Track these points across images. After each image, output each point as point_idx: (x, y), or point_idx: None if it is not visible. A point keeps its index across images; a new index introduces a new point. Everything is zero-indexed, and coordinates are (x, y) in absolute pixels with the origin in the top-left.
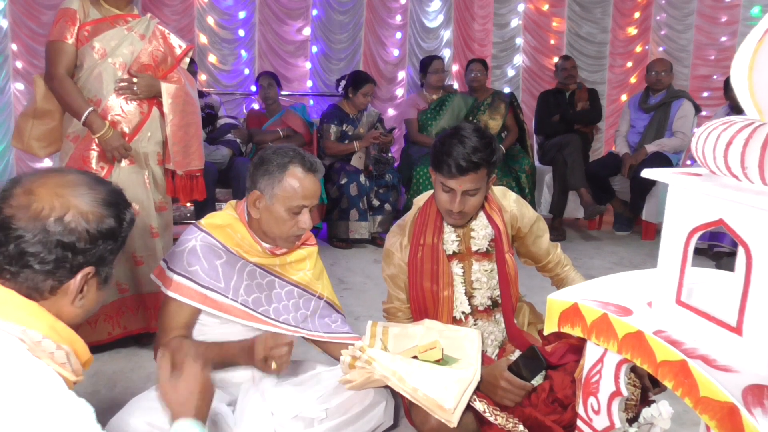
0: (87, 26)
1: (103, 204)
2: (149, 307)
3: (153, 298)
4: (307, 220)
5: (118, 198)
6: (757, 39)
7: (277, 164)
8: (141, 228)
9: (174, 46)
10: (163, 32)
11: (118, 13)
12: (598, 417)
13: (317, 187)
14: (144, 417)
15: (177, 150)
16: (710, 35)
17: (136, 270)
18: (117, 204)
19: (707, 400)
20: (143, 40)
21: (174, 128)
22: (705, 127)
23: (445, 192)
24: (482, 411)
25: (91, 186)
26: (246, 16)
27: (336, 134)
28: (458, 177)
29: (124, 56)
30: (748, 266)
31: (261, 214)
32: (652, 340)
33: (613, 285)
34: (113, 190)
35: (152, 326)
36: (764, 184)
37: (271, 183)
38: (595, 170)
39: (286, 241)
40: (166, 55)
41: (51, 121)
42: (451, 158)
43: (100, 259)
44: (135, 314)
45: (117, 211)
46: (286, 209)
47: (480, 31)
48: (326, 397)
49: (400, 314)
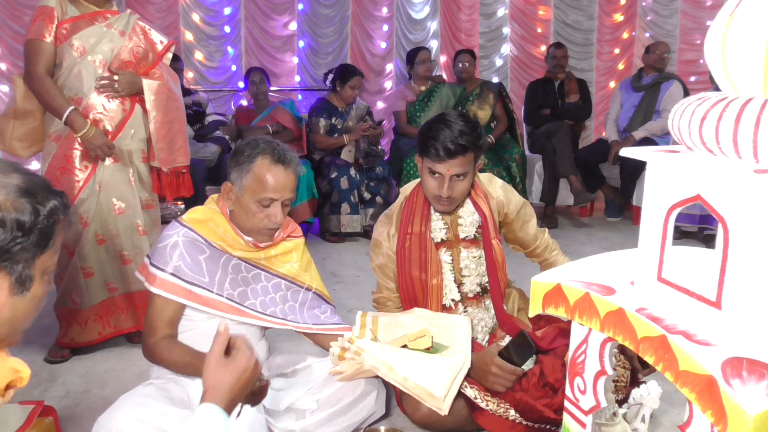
0: (65, 24)
1: (14, 190)
2: (139, 306)
3: (142, 296)
4: (278, 213)
5: (38, 188)
6: (728, 15)
7: (247, 155)
8: (128, 226)
9: (155, 42)
10: (143, 28)
11: (96, 10)
12: (585, 397)
13: (288, 180)
14: (134, 413)
15: (161, 147)
16: (696, 20)
17: (124, 269)
18: (33, 193)
19: (687, 374)
20: (123, 36)
21: (157, 125)
22: (680, 104)
23: (432, 177)
24: (473, 397)
25: (1, 170)
26: (231, 12)
27: (325, 128)
28: (446, 160)
29: (104, 53)
30: (725, 240)
31: (233, 205)
32: (633, 317)
33: (596, 265)
34: (33, 179)
35: (142, 325)
36: (739, 158)
37: (240, 174)
38: (584, 157)
39: (260, 234)
40: (148, 51)
41: (32, 122)
42: (438, 142)
43: (3, 252)
44: (125, 313)
45: (32, 200)
46: (254, 201)
47: (467, 22)
48: (317, 388)
49: (389, 303)
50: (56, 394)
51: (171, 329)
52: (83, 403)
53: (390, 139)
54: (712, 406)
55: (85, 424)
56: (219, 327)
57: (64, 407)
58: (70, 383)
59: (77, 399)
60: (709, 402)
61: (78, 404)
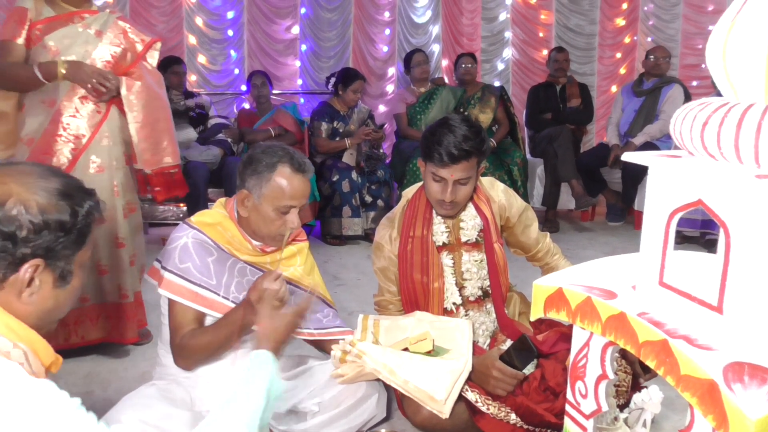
0: (39, 25)
1: (54, 194)
2: (111, 317)
3: (116, 308)
4: (295, 219)
5: (75, 190)
6: (730, 21)
7: (266, 164)
8: (107, 237)
9: (135, 42)
10: (123, 28)
11: (74, 10)
12: (586, 401)
13: (306, 187)
14: (136, 414)
15: (144, 148)
16: (698, 24)
17: (99, 279)
18: (71, 195)
19: (688, 378)
20: (100, 37)
21: (138, 126)
22: (682, 109)
23: (436, 182)
24: (474, 401)
25: (41, 175)
26: (234, 15)
27: (327, 131)
28: (450, 165)
29: (78, 54)
30: (726, 245)
31: (249, 213)
32: (634, 321)
33: (598, 269)
34: (70, 181)
35: (113, 337)
36: (740, 163)
37: (259, 182)
38: (586, 161)
39: (274, 240)
40: (126, 51)
41: (5, 124)
42: (442, 147)
43: (48, 251)
44: (94, 324)
45: (71, 202)
46: (274, 209)
47: (468, 26)
48: (319, 391)
49: (391, 306)
50: None
51: (196, 324)
52: (85, 404)
53: (391, 142)
54: (714, 410)
55: None
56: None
57: None
58: (72, 384)
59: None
60: (711, 406)
61: None
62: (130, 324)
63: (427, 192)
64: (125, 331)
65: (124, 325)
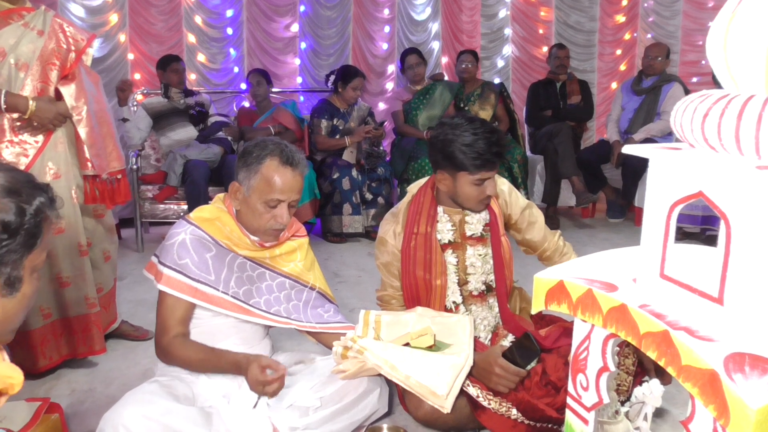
0: None
1: None
2: (76, 331)
3: (80, 321)
4: (284, 214)
5: (22, 185)
6: (731, 12)
7: (256, 156)
8: (68, 246)
9: (77, 39)
10: (61, 25)
11: (10, 7)
12: (587, 393)
13: (295, 182)
14: (139, 409)
15: (94, 153)
16: (698, 20)
17: (61, 292)
18: (17, 192)
19: (689, 368)
20: (42, 36)
21: (86, 129)
22: (683, 101)
23: (477, 186)
24: (475, 396)
25: None
26: (233, 14)
27: (327, 129)
28: (496, 164)
29: (25, 55)
30: (727, 236)
31: (240, 205)
32: (635, 312)
33: (599, 263)
34: (16, 176)
35: (79, 352)
36: (741, 155)
37: (248, 174)
38: (586, 158)
39: (266, 234)
40: (69, 50)
41: None
42: (488, 153)
43: None
44: (59, 341)
45: (17, 199)
46: (262, 202)
47: (468, 23)
48: (320, 386)
49: (393, 301)
50: (61, 393)
51: (183, 328)
52: (88, 401)
53: (391, 140)
54: (715, 400)
55: (90, 422)
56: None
57: (69, 405)
58: (74, 381)
59: (82, 397)
60: (712, 396)
61: (83, 402)
62: (98, 335)
63: (464, 199)
64: (93, 343)
65: (91, 338)
